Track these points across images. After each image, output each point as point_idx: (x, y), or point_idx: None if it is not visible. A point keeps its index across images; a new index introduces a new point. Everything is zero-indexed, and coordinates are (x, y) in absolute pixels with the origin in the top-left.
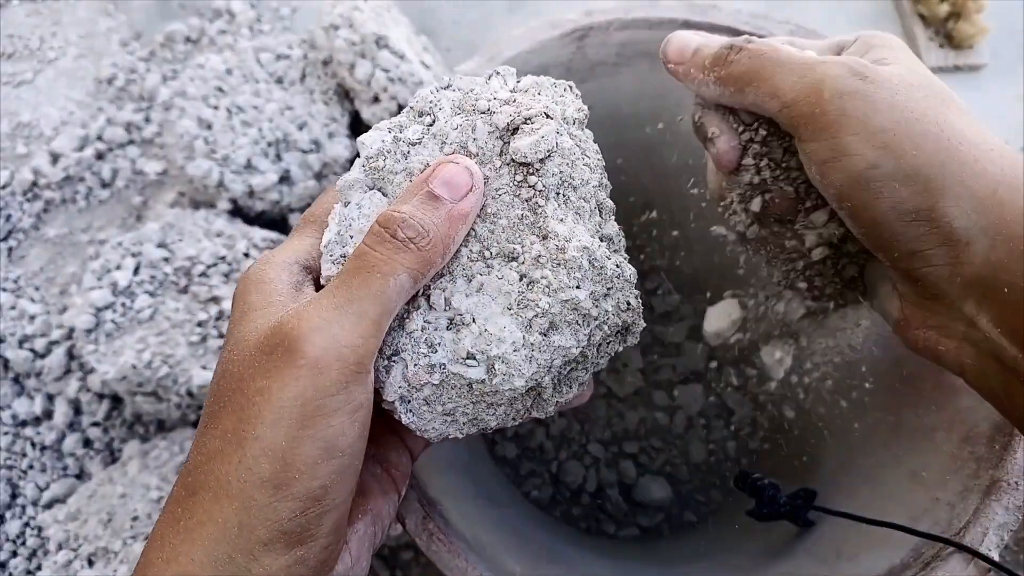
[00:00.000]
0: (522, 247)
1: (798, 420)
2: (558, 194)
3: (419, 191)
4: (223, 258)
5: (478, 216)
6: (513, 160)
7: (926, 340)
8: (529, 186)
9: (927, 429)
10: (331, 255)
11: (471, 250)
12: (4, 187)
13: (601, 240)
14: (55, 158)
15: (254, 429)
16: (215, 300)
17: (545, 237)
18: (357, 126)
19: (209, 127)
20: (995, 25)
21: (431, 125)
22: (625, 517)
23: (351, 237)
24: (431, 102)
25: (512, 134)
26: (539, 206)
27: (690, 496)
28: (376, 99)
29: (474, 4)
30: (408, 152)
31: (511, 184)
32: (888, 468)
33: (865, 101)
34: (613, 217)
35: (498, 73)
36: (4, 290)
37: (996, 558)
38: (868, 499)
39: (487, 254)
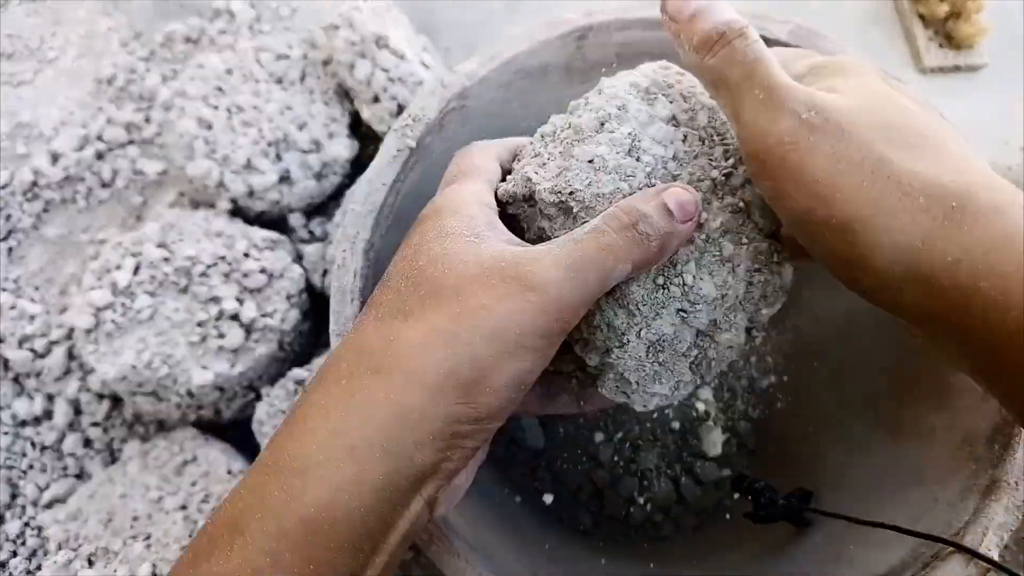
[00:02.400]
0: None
1: (798, 420)
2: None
3: (657, 200)
4: (223, 258)
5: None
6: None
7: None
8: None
9: (927, 429)
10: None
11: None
12: (4, 187)
13: None
14: (55, 158)
15: (469, 336)
16: (215, 300)
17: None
18: (357, 126)
19: (209, 127)
20: (995, 25)
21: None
22: (626, 518)
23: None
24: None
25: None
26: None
27: (690, 497)
28: (376, 99)
29: (474, 4)
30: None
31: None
32: (888, 468)
33: (805, 153)
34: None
35: None
36: (4, 290)
37: (996, 558)
38: (868, 499)
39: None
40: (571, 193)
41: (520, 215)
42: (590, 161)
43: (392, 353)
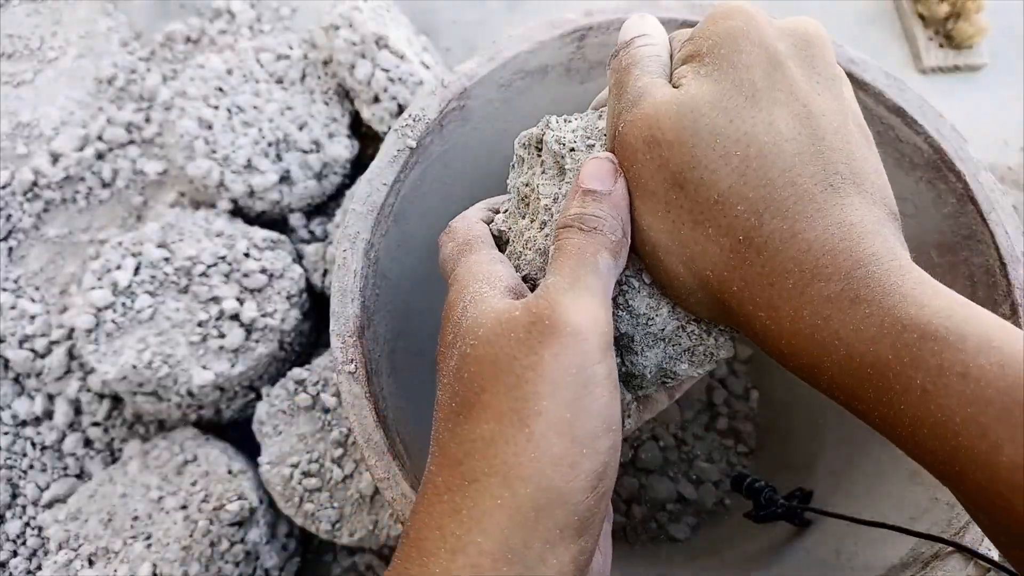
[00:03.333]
0: None
1: (798, 420)
2: None
3: (576, 194)
4: (223, 258)
5: None
6: None
7: None
8: None
9: None
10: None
11: None
12: (4, 187)
13: None
14: (55, 158)
15: (535, 404)
16: (215, 300)
17: None
18: (357, 126)
19: (209, 127)
20: (995, 25)
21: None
22: (627, 517)
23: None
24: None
25: None
26: None
27: (690, 497)
28: (376, 99)
29: (474, 4)
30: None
31: None
32: (888, 468)
33: (641, 163)
34: None
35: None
36: (4, 290)
37: (996, 558)
38: (868, 499)
39: None
40: None
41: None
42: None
43: (476, 455)
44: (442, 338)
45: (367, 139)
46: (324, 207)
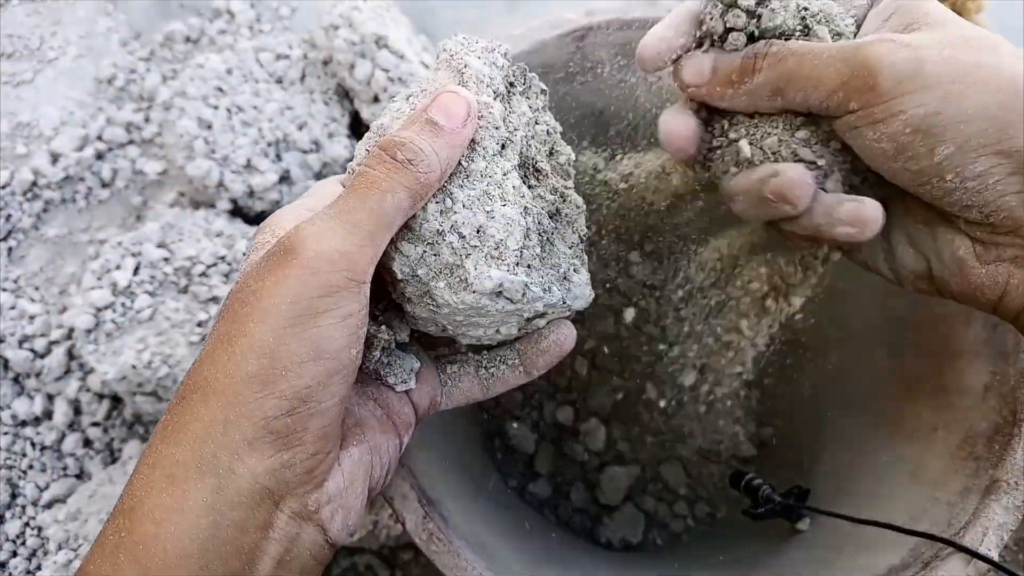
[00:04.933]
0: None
1: (798, 420)
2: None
3: (419, 119)
4: (223, 258)
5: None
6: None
7: (996, 275)
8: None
9: (927, 429)
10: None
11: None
12: (4, 187)
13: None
14: (55, 158)
15: (244, 327)
16: (215, 300)
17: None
18: (357, 126)
19: (209, 127)
20: (995, 25)
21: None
22: (625, 517)
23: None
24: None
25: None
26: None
27: (689, 495)
28: (376, 99)
29: (474, 4)
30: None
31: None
32: (888, 468)
33: (916, 63)
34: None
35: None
36: (4, 290)
37: (995, 558)
38: (868, 499)
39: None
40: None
41: None
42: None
43: (191, 375)
44: None
45: None
46: None
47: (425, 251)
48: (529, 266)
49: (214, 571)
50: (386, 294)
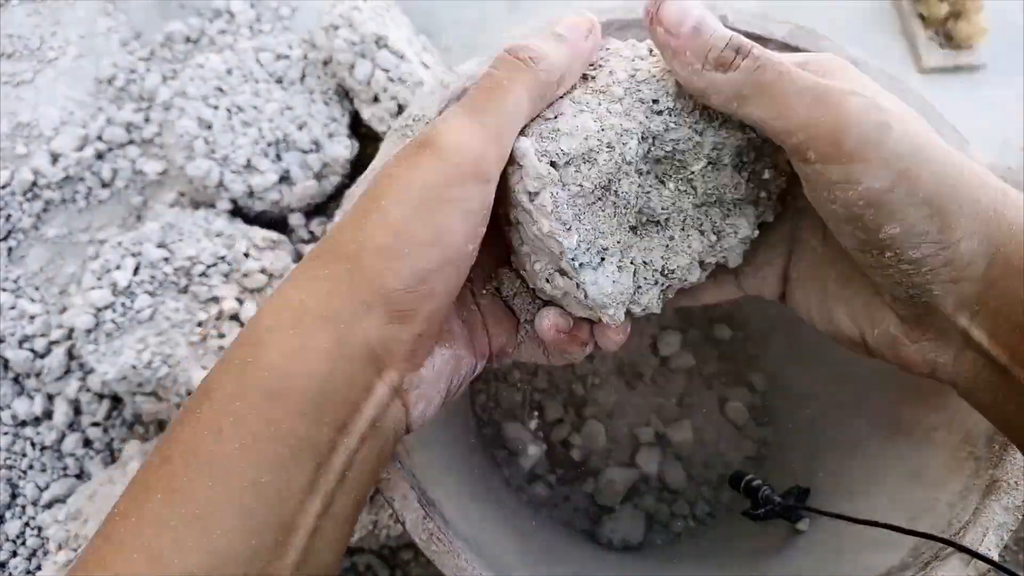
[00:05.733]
0: None
1: (797, 420)
2: None
3: (541, 29)
4: (223, 258)
5: None
6: None
7: (922, 353)
8: None
9: (927, 429)
10: None
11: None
12: (4, 187)
13: None
14: (55, 158)
15: (377, 203)
16: (215, 300)
17: None
18: (357, 126)
19: (209, 127)
20: (995, 25)
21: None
22: (625, 517)
23: None
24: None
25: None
26: None
27: (689, 496)
28: (376, 99)
29: (474, 4)
30: None
31: None
32: (888, 468)
33: (883, 129)
34: None
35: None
36: (4, 290)
37: (996, 558)
38: (868, 499)
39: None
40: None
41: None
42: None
43: (324, 240)
44: None
45: (367, 139)
46: (324, 207)
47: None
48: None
49: (325, 413)
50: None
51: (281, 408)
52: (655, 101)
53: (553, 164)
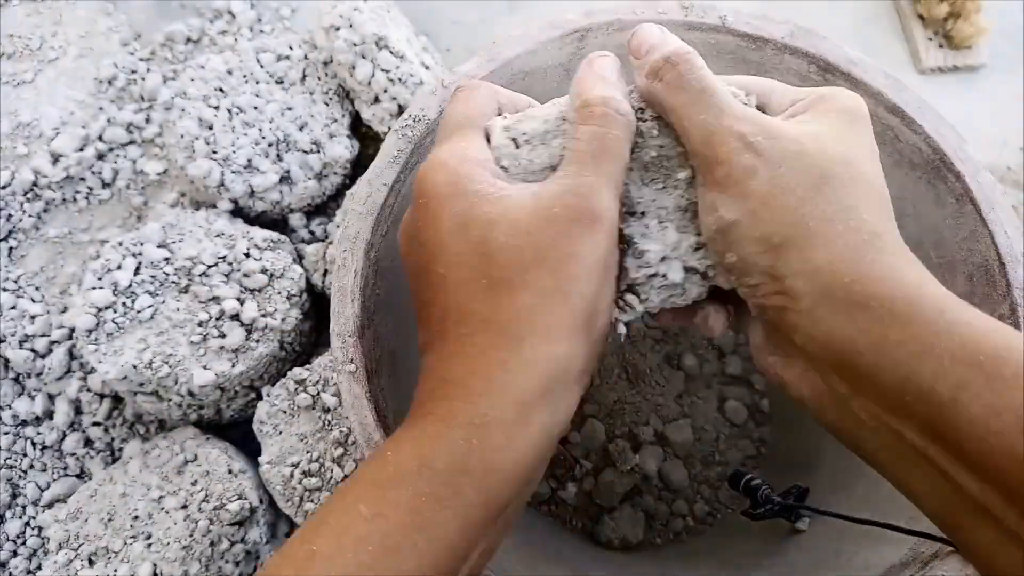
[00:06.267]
0: None
1: (798, 420)
2: None
3: (594, 78)
4: (223, 258)
5: None
6: None
7: (774, 366)
8: None
9: None
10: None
11: None
12: (4, 187)
13: None
14: (55, 158)
15: (575, 285)
16: (216, 300)
17: None
18: (357, 127)
19: (210, 127)
20: (995, 25)
21: None
22: (625, 517)
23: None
24: None
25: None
26: None
27: (689, 496)
28: (376, 100)
29: (474, 4)
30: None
31: None
32: None
33: (746, 172)
34: None
35: None
36: (4, 290)
37: None
38: (867, 499)
39: None
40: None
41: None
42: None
43: (520, 320)
44: (442, 212)
45: (367, 139)
46: (324, 207)
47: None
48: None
49: (532, 476)
50: None
51: (496, 480)
52: (641, 110)
53: (514, 140)
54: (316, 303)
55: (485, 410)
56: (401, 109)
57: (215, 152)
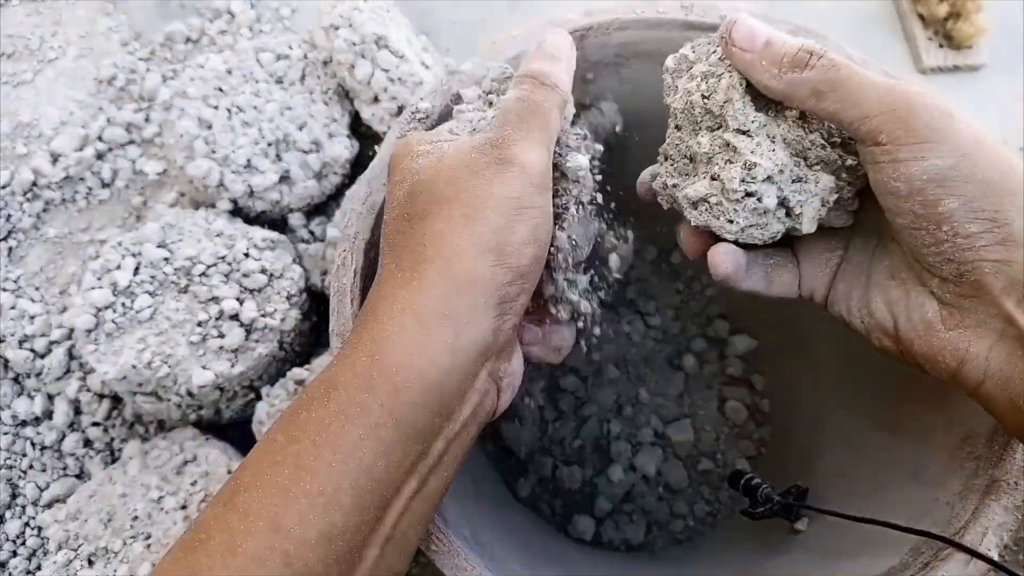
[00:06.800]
0: None
1: (797, 420)
2: None
3: (542, 55)
4: (223, 258)
5: None
6: None
7: (955, 341)
8: None
9: (927, 429)
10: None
11: None
12: (4, 187)
13: None
14: (55, 158)
15: (482, 213)
16: (215, 300)
17: None
18: (357, 126)
19: (209, 127)
20: (995, 25)
21: None
22: (623, 518)
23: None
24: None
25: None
26: None
27: (688, 495)
28: (376, 99)
29: (474, 4)
30: None
31: None
32: (888, 468)
33: (948, 117)
34: None
35: None
36: (4, 290)
37: (996, 558)
38: (868, 499)
39: None
40: None
41: None
42: None
43: (427, 244)
44: (392, 181)
45: (367, 139)
46: (324, 207)
47: None
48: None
49: (444, 402)
50: None
51: (403, 400)
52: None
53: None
54: (316, 303)
55: (386, 327)
56: (401, 109)
57: (214, 152)
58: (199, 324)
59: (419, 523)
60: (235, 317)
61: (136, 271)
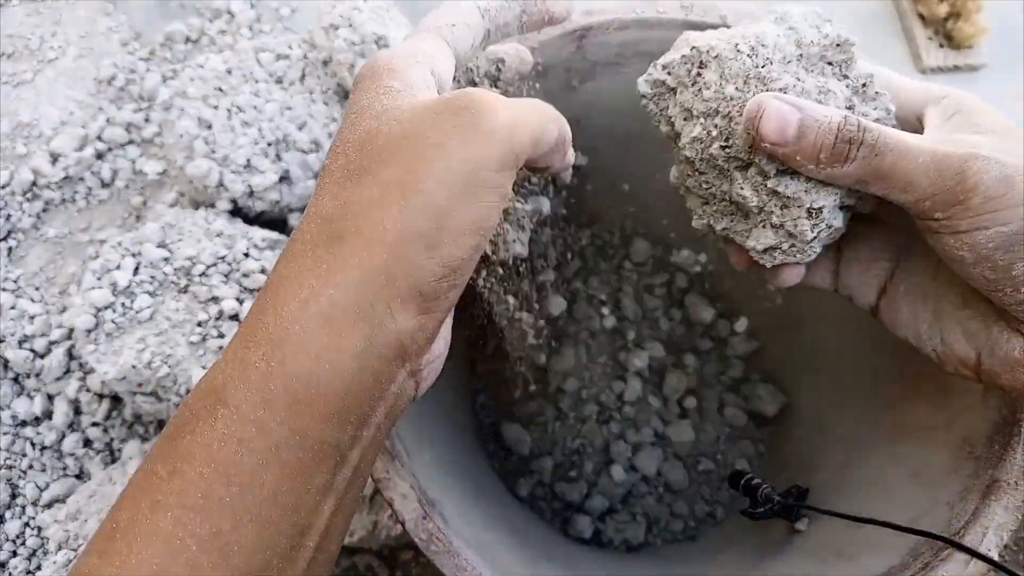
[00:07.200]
0: None
1: (797, 421)
2: None
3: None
4: (223, 258)
5: None
6: None
7: None
8: None
9: (927, 429)
10: None
11: None
12: (4, 187)
13: None
14: (55, 158)
15: (422, 183)
16: (215, 300)
17: None
18: None
19: (209, 127)
20: (995, 25)
21: None
22: (623, 518)
23: None
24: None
25: None
26: None
27: (688, 496)
28: None
29: None
30: None
31: None
32: (888, 468)
33: (1007, 183)
34: None
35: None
36: (4, 290)
37: (996, 558)
38: (868, 499)
39: None
40: None
41: None
42: None
43: (350, 216)
44: (349, 106)
45: None
46: None
47: None
48: None
49: (351, 413)
50: None
51: (308, 415)
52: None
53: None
54: None
55: (287, 324)
56: None
57: (214, 152)
58: (199, 324)
59: (339, 537)
60: (235, 317)
61: (136, 271)
